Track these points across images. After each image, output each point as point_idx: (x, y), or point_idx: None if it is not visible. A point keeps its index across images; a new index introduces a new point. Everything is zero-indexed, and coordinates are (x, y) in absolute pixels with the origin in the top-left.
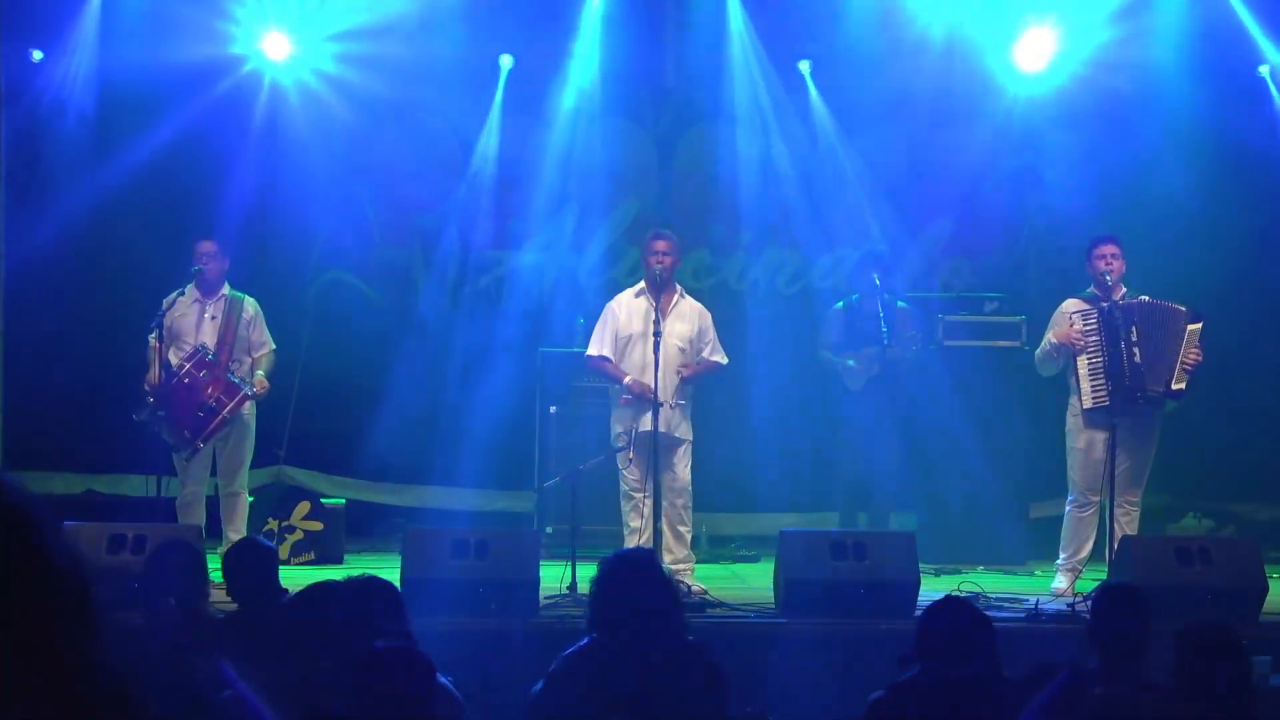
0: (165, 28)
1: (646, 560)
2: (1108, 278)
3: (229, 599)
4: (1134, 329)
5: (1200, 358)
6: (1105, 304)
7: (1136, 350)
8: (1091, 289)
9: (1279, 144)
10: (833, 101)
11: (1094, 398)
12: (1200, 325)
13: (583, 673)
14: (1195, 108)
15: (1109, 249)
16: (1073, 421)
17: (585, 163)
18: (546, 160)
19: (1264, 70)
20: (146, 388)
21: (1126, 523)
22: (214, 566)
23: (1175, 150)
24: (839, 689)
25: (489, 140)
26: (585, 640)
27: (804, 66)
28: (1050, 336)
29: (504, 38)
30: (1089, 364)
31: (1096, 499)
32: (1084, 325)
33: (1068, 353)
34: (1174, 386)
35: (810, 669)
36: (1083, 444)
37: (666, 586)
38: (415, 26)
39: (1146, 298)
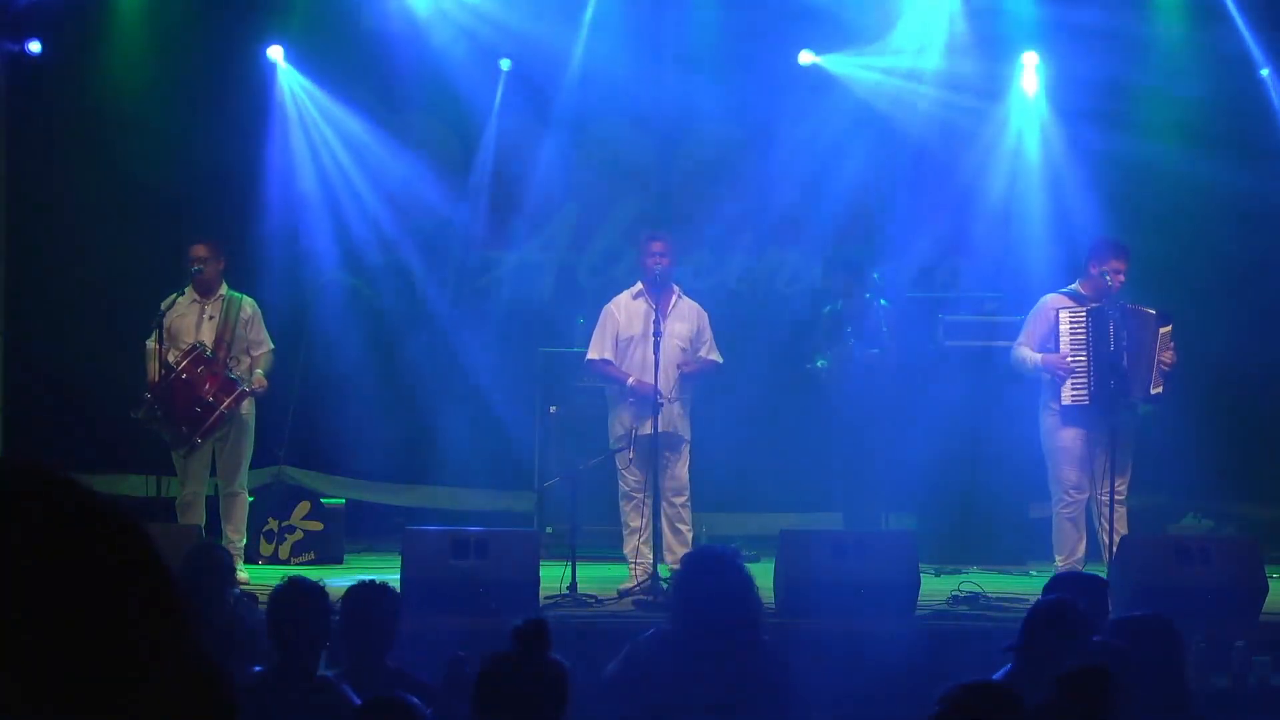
0: (169, 28)
1: (731, 557)
2: (1108, 282)
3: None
4: (1124, 333)
5: (1174, 359)
6: (1094, 306)
7: (1125, 355)
8: (1076, 286)
9: (1279, 146)
10: (833, 99)
11: (1074, 395)
12: (1170, 328)
13: (662, 661)
14: (1195, 109)
15: (1120, 264)
16: (1049, 420)
17: (585, 162)
18: (546, 160)
19: (1265, 73)
20: (147, 390)
21: (1115, 520)
22: None
23: (1175, 152)
24: (839, 689)
25: (489, 140)
26: (657, 628)
27: (806, 61)
28: (1038, 358)
29: (505, 36)
30: (1072, 361)
31: (1082, 497)
32: (1071, 323)
33: (1051, 370)
34: (1152, 391)
35: (810, 669)
36: (1063, 443)
37: (748, 584)
38: (416, 27)
39: (1149, 310)
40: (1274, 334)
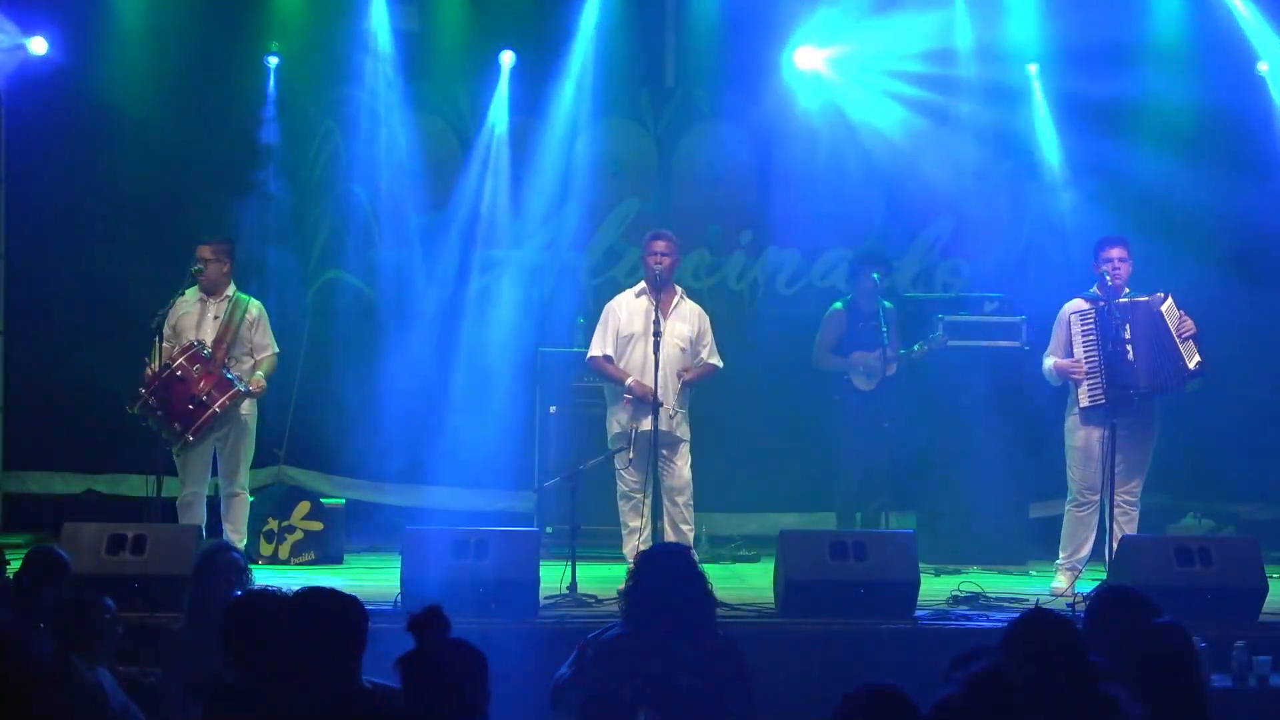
0: (172, 30)
1: (682, 555)
2: (1108, 279)
3: None
4: (1127, 327)
5: (1194, 325)
6: (1101, 304)
7: (1129, 348)
8: (1095, 289)
9: (1277, 141)
10: (834, 97)
11: (1090, 396)
12: (1170, 301)
13: (613, 660)
14: (1194, 105)
15: (1116, 251)
16: (1071, 420)
17: (585, 162)
18: (546, 160)
19: (1262, 68)
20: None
21: (1125, 522)
22: None
23: (1175, 149)
24: (839, 689)
25: (489, 139)
26: (614, 629)
27: (802, 59)
28: (1052, 364)
29: (504, 36)
30: (1086, 363)
31: (1095, 497)
32: (1082, 326)
33: (1065, 375)
34: (1191, 366)
35: (810, 669)
36: (1080, 442)
37: (700, 580)
38: (415, 24)
39: (1144, 297)
40: (1274, 334)
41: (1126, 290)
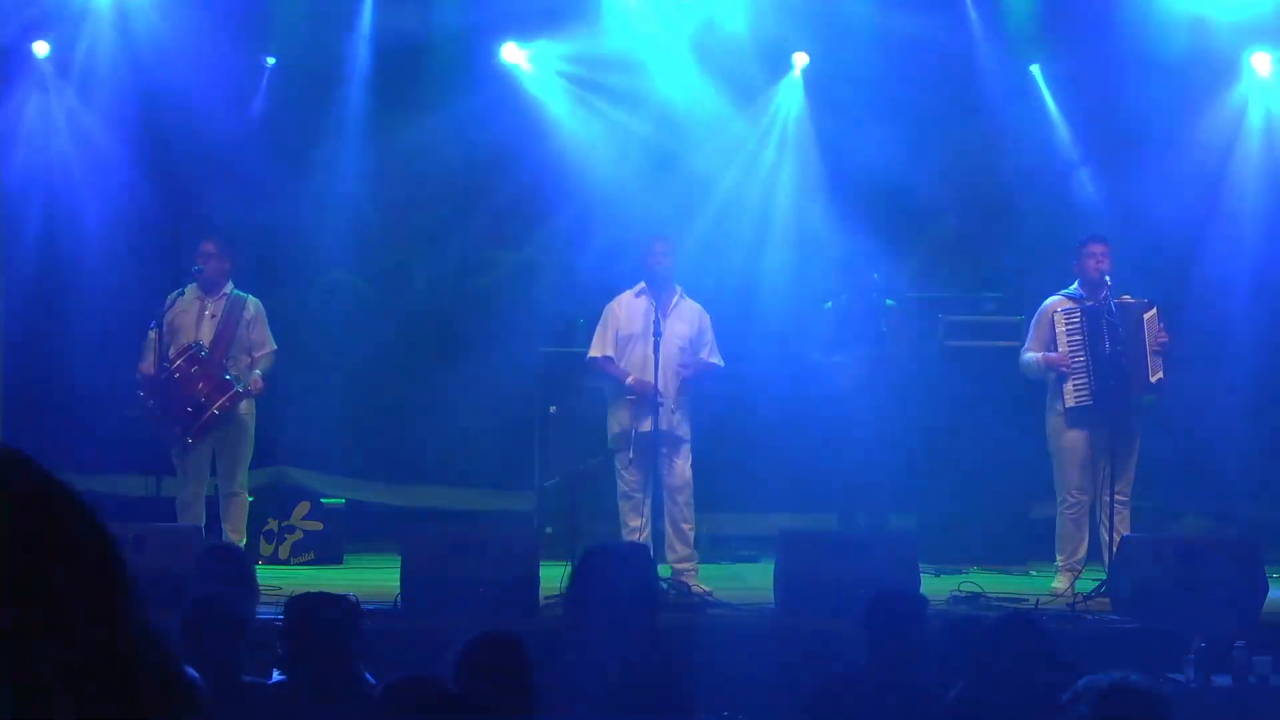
0: (169, 28)
1: (626, 553)
2: (1106, 278)
3: None
4: (1118, 329)
5: (1167, 339)
6: (1089, 304)
7: (1122, 352)
8: (1075, 287)
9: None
10: (831, 97)
11: (1076, 397)
12: (1155, 311)
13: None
14: (1188, 101)
15: (1099, 248)
16: (1055, 422)
17: (585, 161)
18: (546, 159)
19: (1254, 59)
20: (138, 377)
21: (1118, 521)
22: None
23: (1173, 147)
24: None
25: (488, 138)
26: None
27: (800, 60)
28: (1038, 357)
29: (502, 35)
30: (1071, 363)
31: (1085, 498)
32: (1067, 324)
33: (1054, 367)
34: (1152, 379)
35: (810, 669)
36: (1066, 444)
37: (644, 581)
38: (413, 23)
39: (1127, 298)
40: (1274, 333)
41: (1108, 288)
